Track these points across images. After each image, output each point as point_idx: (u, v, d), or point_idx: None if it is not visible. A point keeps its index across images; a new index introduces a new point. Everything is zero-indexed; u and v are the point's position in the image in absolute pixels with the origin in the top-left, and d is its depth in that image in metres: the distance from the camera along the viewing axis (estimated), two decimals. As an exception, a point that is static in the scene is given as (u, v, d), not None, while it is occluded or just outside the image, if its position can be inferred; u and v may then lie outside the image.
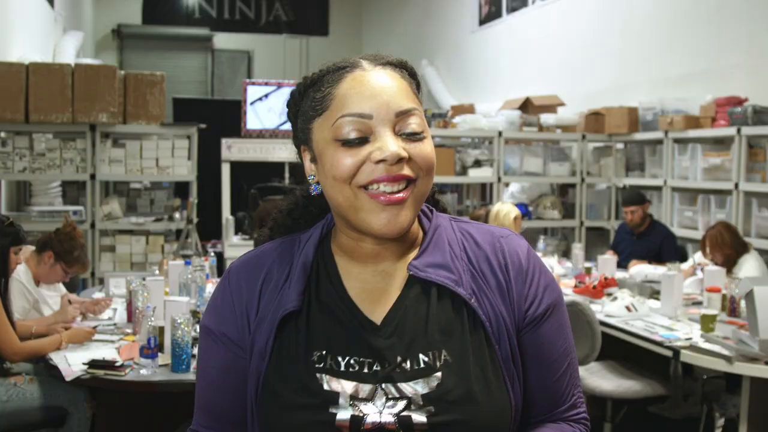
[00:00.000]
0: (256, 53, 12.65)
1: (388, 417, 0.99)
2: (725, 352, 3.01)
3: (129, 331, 3.29)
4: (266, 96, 6.55)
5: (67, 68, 5.22)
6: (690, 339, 3.26)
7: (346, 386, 1.01)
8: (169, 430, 2.80)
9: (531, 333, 1.09)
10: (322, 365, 1.03)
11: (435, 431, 0.98)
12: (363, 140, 1.02)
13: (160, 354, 2.79)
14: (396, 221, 1.02)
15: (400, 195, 1.01)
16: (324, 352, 1.04)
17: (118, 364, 2.76)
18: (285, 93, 6.53)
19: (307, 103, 1.08)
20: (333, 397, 1.00)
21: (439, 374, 1.01)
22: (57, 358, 2.92)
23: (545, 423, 1.12)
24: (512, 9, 8.61)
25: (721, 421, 3.52)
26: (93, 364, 2.77)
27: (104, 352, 2.97)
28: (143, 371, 2.71)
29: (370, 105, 1.02)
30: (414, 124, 1.03)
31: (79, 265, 3.70)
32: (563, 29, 7.67)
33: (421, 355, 1.02)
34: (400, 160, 1.01)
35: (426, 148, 1.04)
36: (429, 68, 10.22)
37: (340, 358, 1.03)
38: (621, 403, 3.66)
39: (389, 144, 1.00)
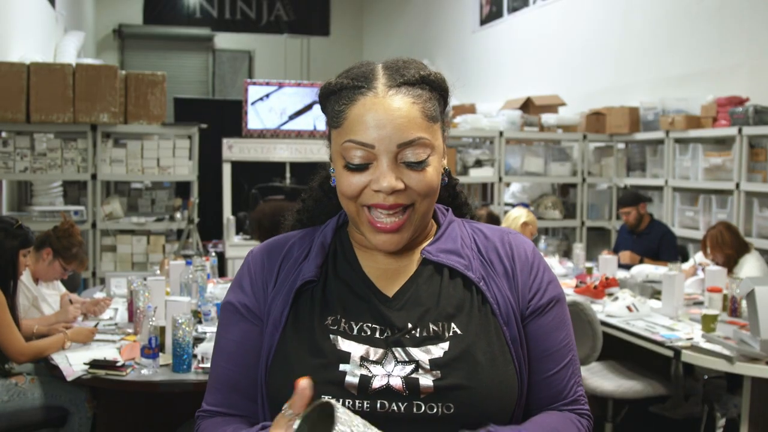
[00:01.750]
0: (257, 53, 12.65)
1: (396, 379, 1.04)
2: (726, 352, 3.01)
3: (130, 330, 3.29)
4: (267, 96, 6.55)
5: (68, 68, 5.23)
6: (691, 339, 3.26)
7: (357, 348, 1.07)
8: (170, 430, 2.80)
9: (533, 323, 1.16)
10: (335, 328, 1.10)
11: (440, 395, 1.03)
12: (365, 166, 1.08)
13: (161, 354, 2.79)
14: (392, 242, 1.11)
15: (396, 223, 1.09)
16: (338, 317, 1.11)
17: (119, 364, 2.76)
18: (286, 93, 6.56)
19: (330, 107, 1.14)
20: (344, 356, 1.06)
21: (446, 343, 1.07)
22: (58, 358, 2.92)
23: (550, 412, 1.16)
24: (513, 9, 8.60)
25: (722, 421, 3.52)
26: (94, 364, 2.77)
27: (105, 352, 2.97)
28: (144, 371, 2.71)
29: (373, 136, 1.07)
30: (415, 154, 1.07)
31: (77, 262, 3.71)
32: (564, 29, 7.67)
33: (431, 324, 1.09)
34: (395, 191, 1.07)
35: (425, 177, 1.09)
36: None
37: (353, 323, 1.10)
38: (622, 403, 3.66)
39: (386, 176, 1.07)
